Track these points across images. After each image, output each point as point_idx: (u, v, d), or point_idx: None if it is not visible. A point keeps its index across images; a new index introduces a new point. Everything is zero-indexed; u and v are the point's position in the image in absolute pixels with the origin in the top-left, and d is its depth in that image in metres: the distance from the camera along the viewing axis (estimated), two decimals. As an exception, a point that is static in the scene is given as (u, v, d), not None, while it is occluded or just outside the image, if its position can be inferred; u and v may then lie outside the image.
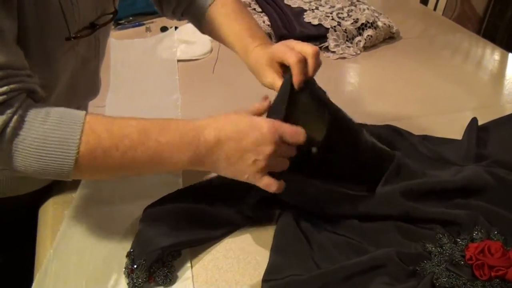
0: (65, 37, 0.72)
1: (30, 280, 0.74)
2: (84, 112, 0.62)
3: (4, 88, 0.57)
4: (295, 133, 0.69)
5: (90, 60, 0.85)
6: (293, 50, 0.76)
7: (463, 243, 0.74)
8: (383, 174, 0.82)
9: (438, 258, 0.72)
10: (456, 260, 0.71)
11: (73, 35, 0.73)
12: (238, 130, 0.66)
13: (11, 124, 0.57)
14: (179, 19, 1.00)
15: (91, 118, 0.62)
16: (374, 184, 0.82)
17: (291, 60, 0.74)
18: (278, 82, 0.77)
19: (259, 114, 0.75)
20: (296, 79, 0.74)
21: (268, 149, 0.66)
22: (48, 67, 0.73)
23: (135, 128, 0.63)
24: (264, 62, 0.80)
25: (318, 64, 0.77)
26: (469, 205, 0.79)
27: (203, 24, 0.94)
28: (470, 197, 0.81)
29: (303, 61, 0.75)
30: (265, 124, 0.67)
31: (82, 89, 0.87)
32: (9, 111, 0.57)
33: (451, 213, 0.78)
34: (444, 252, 0.73)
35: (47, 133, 0.59)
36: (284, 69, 0.78)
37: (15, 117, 0.58)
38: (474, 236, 0.75)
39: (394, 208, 0.79)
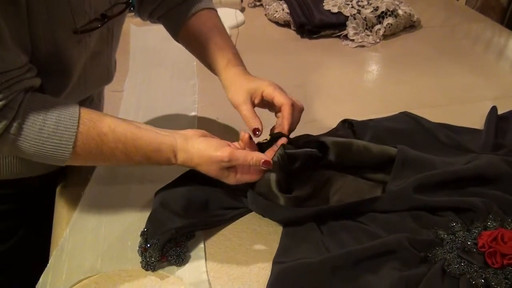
0: (72, 30, 0.71)
1: (47, 257, 0.76)
2: (77, 117, 0.67)
3: (4, 93, 0.61)
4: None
5: (102, 51, 0.84)
6: (286, 94, 0.82)
7: (476, 231, 0.73)
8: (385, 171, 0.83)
9: (450, 245, 0.72)
10: (468, 247, 0.70)
11: (81, 28, 0.72)
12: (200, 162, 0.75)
13: (12, 131, 0.63)
14: (153, 22, 0.99)
15: (83, 128, 0.68)
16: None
17: (284, 100, 0.81)
18: (244, 109, 0.82)
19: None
20: (287, 122, 0.81)
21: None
22: (61, 59, 0.73)
23: (121, 152, 0.71)
24: (243, 86, 0.83)
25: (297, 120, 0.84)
26: (483, 193, 0.79)
27: (179, 32, 0.93)
28: (485, 185, 0.80)
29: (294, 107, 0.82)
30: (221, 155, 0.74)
31: (94, 79, 0.87)
32: (10, 115, 0.62)
33: (465, 201, 0.77)
34: (457, 239, 0.72)
35: (44, 140, 0.65)
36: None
37: (15, 124, 0.63)
38: (487, 225, 0.74)
39: (408, 204, 0.78)
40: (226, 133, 1.04)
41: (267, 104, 0.85)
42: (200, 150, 0.74)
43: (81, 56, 0.77)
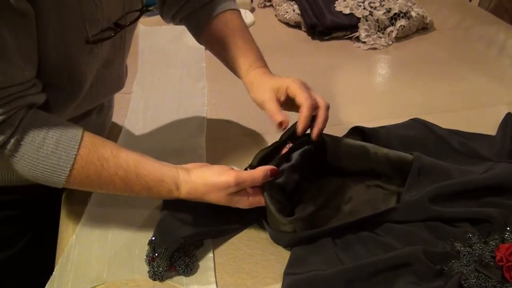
0: (84, 39, 0.69)
1: (52, 265, 0.74)
2: (79, 140, 0.65)
3: (4, 108, 0.60)
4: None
5: (114, 60, 0.82)
6: (309, 93, 0.77)
7: (494, 244, 0.71)
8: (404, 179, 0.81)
9: (467, 258, 0.69)
10: (486, 261, 0.68)
11: (92, 38, 0.70)
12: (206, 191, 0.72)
13: (8, 147, 0.61)
14: (176, 24, 0.97)
15: (84, 151, 0.65)
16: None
17: (304, 101, 0.76)
18: (270, 104, 0.78)
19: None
20: (302, 124, 0.77)
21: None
22: (72, 69, 0.71)
23: (121, 179, 0.68)
24: (267, 84, 0.80)
25: (326, 119, 0.79)
26: (501, 204, 0.76)
27: (202, 35, 0.92)
28: (502, 195, 0.78)
29: (314, 109, 0.77)
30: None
31: (106, 88, 0.85)
32: (8, 131, 0.61)
33: (481, 211, 0.75)
34: (474, 252, 0.70)
35: (40, 160, 0.63)
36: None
37: (13, 140, 0.61)
38: (505, 237, 0.72)
39: (424, 215, 0.76)
40: (236, 137, 1.02)
41: (294, 105, 0.80)
42: (204, 178, 0.71)
43: (93, 65, 0.75)
